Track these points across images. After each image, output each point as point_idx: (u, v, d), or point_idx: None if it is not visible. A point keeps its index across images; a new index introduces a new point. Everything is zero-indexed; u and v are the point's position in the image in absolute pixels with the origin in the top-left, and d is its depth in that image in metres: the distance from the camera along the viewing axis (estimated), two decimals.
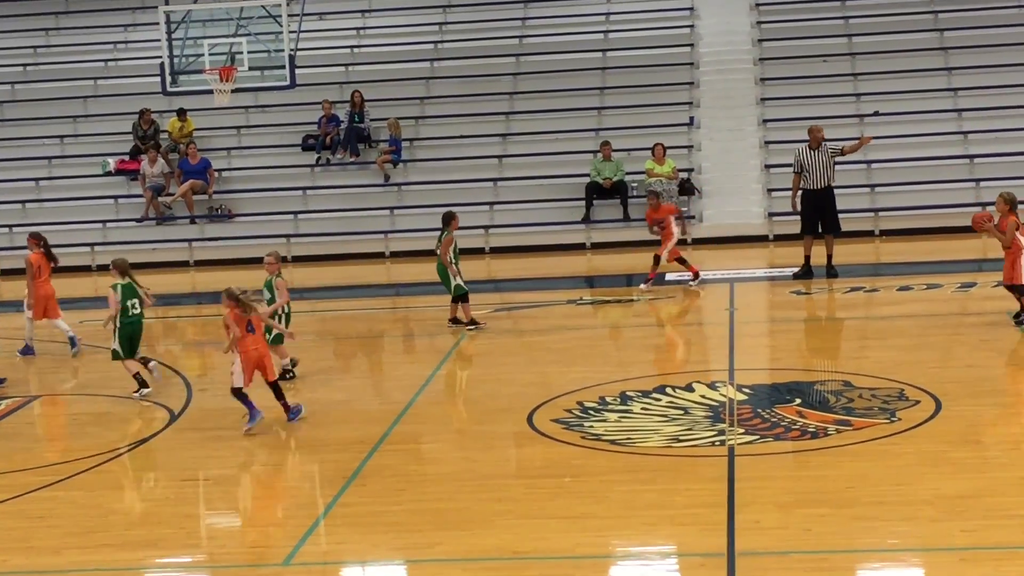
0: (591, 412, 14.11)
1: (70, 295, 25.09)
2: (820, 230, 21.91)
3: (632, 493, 11.51)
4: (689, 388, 14.84)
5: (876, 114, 29.26)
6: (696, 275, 21.84)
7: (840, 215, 22.08)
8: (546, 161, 29.14)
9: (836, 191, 22.04)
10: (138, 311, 16.06)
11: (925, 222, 26.21)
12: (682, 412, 13.92)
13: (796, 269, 21.89)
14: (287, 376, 16.18)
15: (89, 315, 22.49)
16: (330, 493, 12.07)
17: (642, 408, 14.18)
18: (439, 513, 11.35)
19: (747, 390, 14.69)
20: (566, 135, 29.72)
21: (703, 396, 14.52)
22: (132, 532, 11.29)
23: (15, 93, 33.00)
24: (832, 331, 16.04)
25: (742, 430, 13.15)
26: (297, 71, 26.81)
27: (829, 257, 21.78)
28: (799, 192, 21.90)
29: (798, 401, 14.22)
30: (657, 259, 21.45)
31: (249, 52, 25.86)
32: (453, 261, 18.83)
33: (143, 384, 15.95)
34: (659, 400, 14.45)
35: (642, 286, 21.56)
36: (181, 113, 30.43)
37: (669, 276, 22.41)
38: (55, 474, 13.04)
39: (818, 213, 21.88)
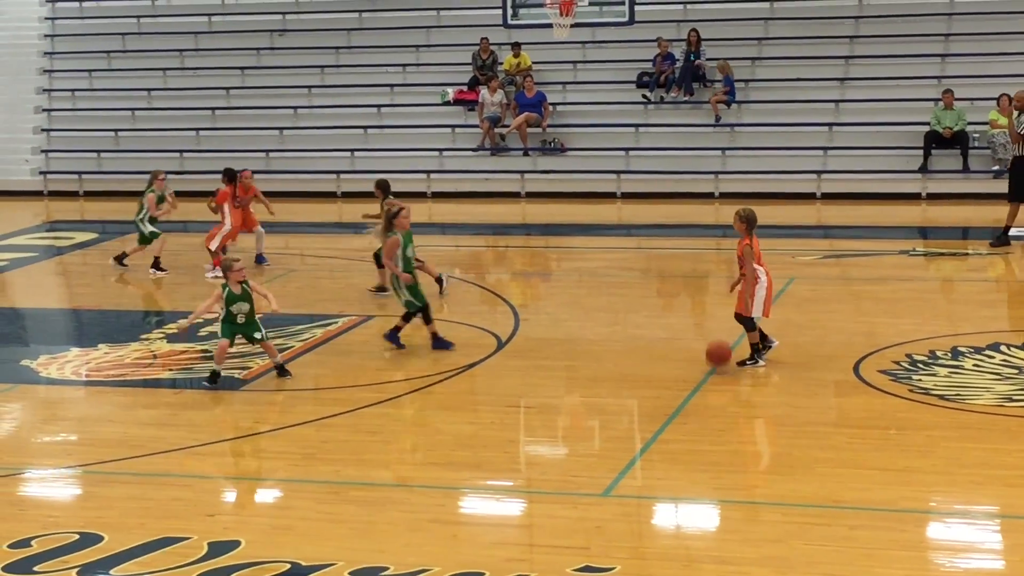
0: (920, 365, 13.81)
1: None
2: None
3: (959, 450, 11.26)
4: None
5: None
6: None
7: None
8: (884, 108, 28.41)
9: None
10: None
11: None
12: (1016, 371, 13.50)
13: None
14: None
15: (425, 240, 23.16)
16: (650, 429, 12.17)
17: (974, 364, 13.80)
18: (758, 456, 11.35)
19: None
20: (906, 82, 28.93)
21: None
22: (457, 453, 11.63)
23: (362, 21, 33.93)
24: None
25: None
26: (635, 7, 26.82)
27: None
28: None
29: None
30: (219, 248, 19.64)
31: None
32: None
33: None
34: (992, 357, 14.04)
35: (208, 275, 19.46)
36: (516, 47, 30.82)
37: (1014, 232, 21.69)
38: (387, 392, 13.53)
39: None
